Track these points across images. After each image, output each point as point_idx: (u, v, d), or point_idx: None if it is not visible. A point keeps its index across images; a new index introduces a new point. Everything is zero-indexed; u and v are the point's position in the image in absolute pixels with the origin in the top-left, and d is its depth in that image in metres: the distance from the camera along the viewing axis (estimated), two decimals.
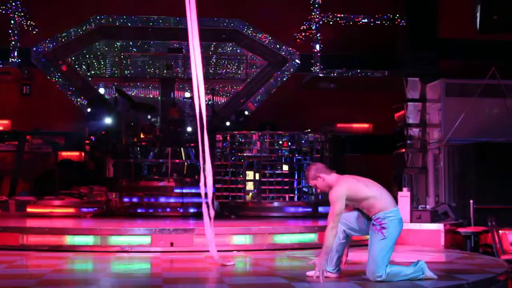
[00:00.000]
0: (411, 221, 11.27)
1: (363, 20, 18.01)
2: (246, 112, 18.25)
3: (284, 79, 18.55)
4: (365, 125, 19.86)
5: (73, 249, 9.67)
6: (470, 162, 13.13)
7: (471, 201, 11.77)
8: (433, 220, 11.37)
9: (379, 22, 18.02)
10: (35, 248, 9.72)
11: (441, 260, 9.40)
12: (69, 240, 9.80)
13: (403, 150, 15.27)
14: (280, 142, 14.53)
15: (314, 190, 14.46)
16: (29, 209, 13.95)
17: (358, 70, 18.02)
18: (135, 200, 14.16)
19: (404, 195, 11.55)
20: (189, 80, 18.67)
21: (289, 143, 14.47)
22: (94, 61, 18.84)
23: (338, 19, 17.99)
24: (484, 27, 13.00)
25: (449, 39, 16.45)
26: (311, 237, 10.30)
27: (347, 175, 7.31)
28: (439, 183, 14.04)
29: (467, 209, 11.84)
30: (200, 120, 8.17)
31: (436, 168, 14.32)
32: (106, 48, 18.92)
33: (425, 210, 11.79)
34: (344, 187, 6.96)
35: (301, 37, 18.83)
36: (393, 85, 16.96)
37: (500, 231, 10.18)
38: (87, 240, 9.78)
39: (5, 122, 18.98)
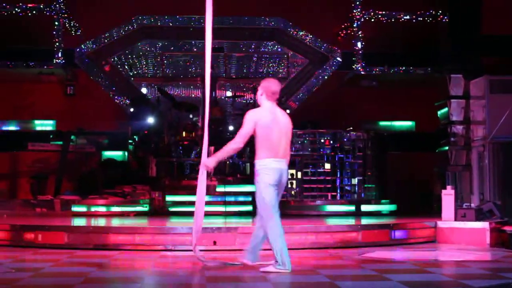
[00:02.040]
0: (456, 219, 11.14)
1: (405, 17, 17.84)
2: (288, 111, 18.17)
3: (326, 77, 18.46)
4: (408, 123, 19.69)
5: (117, 247, 9.77)
6: None
7: None
8: (478, 219, 11.22)
9: (421, 19, 17.84)
10: (80, 246, 9.84)
11: (486, 258, 9.28)
12: (113, 238, 9.90)
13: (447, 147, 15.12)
14: (322, 141, 14.49)
15: (356, 188, 14.41)
16: (73, 208, 14.14)
17: (400, 68, 17.87)
18: (177, 199, 14.25)
19: (448, 193, 11.43)
20: (231, 79, 18.89)
21: (331, 141, 14.43)
22: (136, 61, 18.99)
23: (379, 16, 17.85)
24: None
25: (493, 35, 16.23)
26: (354, 235, 10.25)
27: (270, 111, 7.58)
28: (484, 180, 13.84)
29: None
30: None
31: (480, 165, 14.12)
32: (148, 48, 19.05)
33: (469, 208, 11.64)
34: (254, 115, 7.52)
35: (342, 34, 18.73)
36: (436, 82, 16.78)
37: None
38: (131, 238, 9.87)
39: (50, 122, 19.26)
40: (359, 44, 17.70)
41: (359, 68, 17.70)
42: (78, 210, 14.01)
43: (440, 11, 17.37)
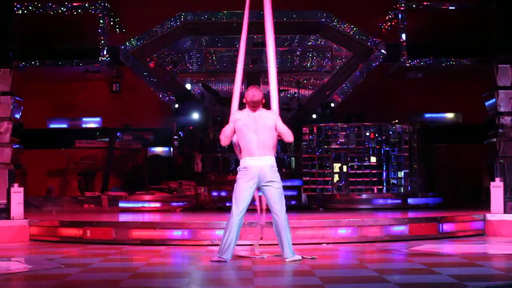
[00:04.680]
0: (505, 212, 10.98)
1: (450, 7, 17.60)
2: (332, 104, 18.13)
3: (370, 70, 18.33)
4: (455, 115, 19.44)
5: (164, 242, 9.84)
6: None
7: None
8: None
9: (467, 9, 17.56)
10: (127, 242, 9.94)
11: None
12: (160, 234, 9.98)
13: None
14: (367, 134, 14.39)
15: (403, 181, 14.28)
16: (121, 204, 14.29)
17: (446, 59, 17.64)
18: (223, 194, 14.30)
19: (497, 185, 11.27)
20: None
21: (376, 135, 14.32)
22: (180, 57, 19.08)
23: (424, 7, 17.63)
24: None
25: None
26: (401, 229, 10.16)
27: (247, 114, 8.08)
28: None
29: None
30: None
31: None
32: (192, 44, 19.13)
33: None
34: (232, 116, 8.11)
35: (386, 26, 18.57)
36: (482, 73, 16.53)
37: None
38: (178, 234, 9.94)
39: (97, 119, 19.49)
40: (403, 36, 17.52)
41: (404, 60, 17.52)
42: (125, 206, 14.15)
43: (486, 0, 17.10)
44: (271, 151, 8.02)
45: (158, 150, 18.57)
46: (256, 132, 7.96)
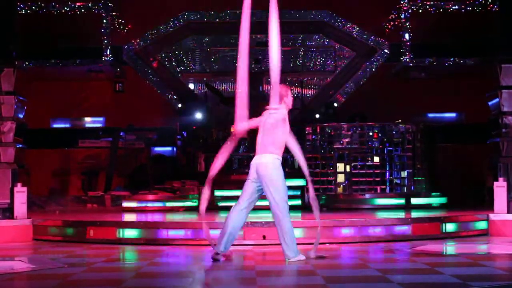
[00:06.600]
0: (508, 212, 10.97)
1: (453, 7, 17.58)
2: (335, 104, 18.12)
3: (373, 69, 18.32)
4: (458, 114, 19.41)
5: (167, 242, 9.84)
6: None
7: None
8: None
9: (470, 9, 17.55)
10: (131, 241, 9.94)
11: None
12: (164, 233, 9.98)
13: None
14: (371, 133, 14.39)
15: (406, 181, 14.27)
16: (124, 204, 14.29)
17: (449, 58, 17.62)
18: (226, 193, 14.29)
19: (500, 185, 11.26)
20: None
21: (380, 134, 14.31)
22: (183, 57, 19.08)
23: (427, 7, 17.62)
24: None
25: None
26: (404, 229, 10.16)
27: (262, 121, 8.24)
28: None
29: None
30: None
31: None
32: (195, 44, 19.13)
33: None
34: (253, 121, 8.27)
35: (390, 26, 18.56)
36: (485, 73, 16.51)
37: None
38: (181, 233, 9.94)
39: (100, 119, 19.50)
40: (407, 36, 17.52)
41: (407, 59, 17.52)
42: (129, 205, 14.15)
43: (489, 0, 17.08)
44: (272, 150, 7.99)
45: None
46: (263, 131, 8.11)
